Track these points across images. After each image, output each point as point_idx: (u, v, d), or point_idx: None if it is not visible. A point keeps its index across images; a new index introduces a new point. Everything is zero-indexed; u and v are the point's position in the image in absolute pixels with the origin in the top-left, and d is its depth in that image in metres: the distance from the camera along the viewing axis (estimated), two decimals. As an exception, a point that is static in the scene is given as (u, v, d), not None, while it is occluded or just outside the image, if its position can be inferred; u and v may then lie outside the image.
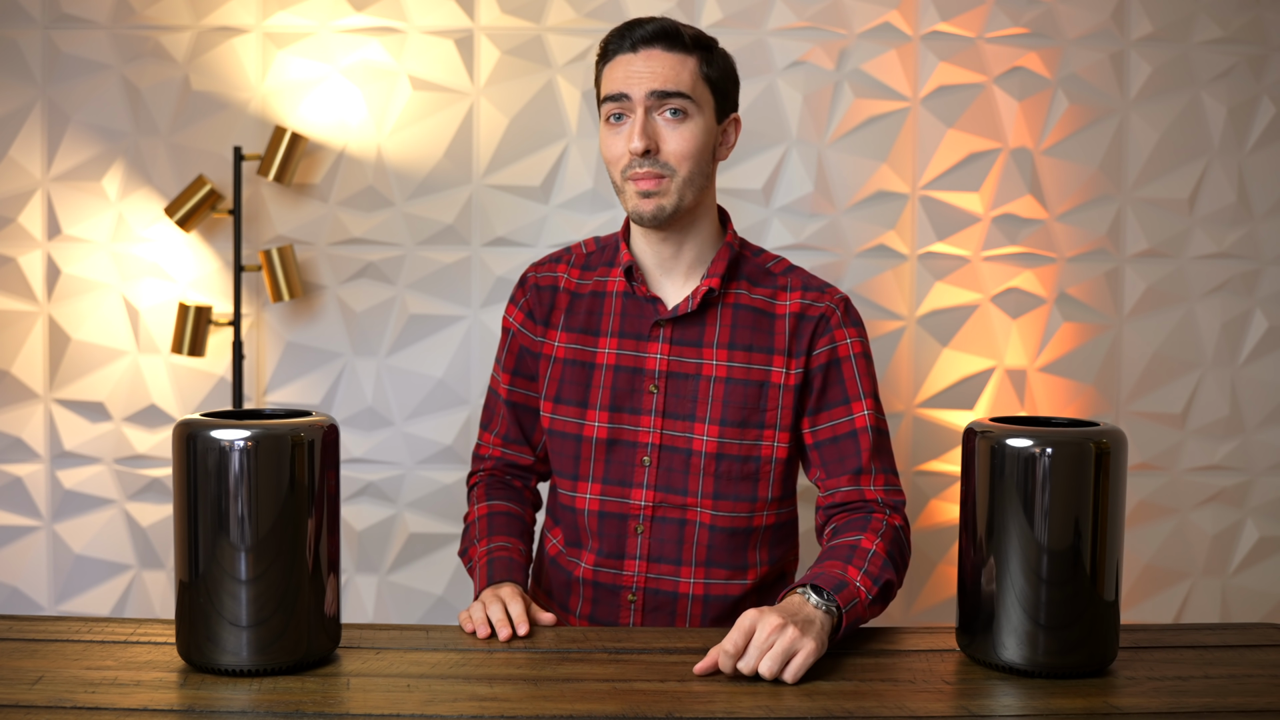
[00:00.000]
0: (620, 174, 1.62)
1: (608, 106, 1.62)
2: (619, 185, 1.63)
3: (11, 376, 2.50)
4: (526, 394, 1.77)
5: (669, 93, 1.59)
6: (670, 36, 1.61)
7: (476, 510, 1.76)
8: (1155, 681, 1.31)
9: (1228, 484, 2.56)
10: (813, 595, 1.40)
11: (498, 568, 1.63)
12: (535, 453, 1.79)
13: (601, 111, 1.65)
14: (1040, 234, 2.49)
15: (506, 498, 1.78)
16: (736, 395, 1.64)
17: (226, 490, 1.26)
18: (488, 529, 1.71)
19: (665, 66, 1.60)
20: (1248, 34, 2.48)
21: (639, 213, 1.62)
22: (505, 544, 1.69)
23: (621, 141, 1.61)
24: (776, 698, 1.25)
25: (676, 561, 1.66)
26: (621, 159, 1.61)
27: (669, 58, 1.60)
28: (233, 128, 2.46)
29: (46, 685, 1.25)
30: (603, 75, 1.65)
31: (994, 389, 2.51)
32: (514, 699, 1.23)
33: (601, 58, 1.66)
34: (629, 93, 1.60)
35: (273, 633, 1.28)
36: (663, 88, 1.59)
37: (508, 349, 1.77)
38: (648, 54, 1.60)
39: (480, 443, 1.82)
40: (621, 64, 1.61)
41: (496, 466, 1.80)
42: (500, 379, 1.78)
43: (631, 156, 1.59)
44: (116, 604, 2.52)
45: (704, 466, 1.64)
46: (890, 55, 2.46)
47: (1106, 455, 1.30)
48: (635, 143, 1.58)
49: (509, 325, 1.77)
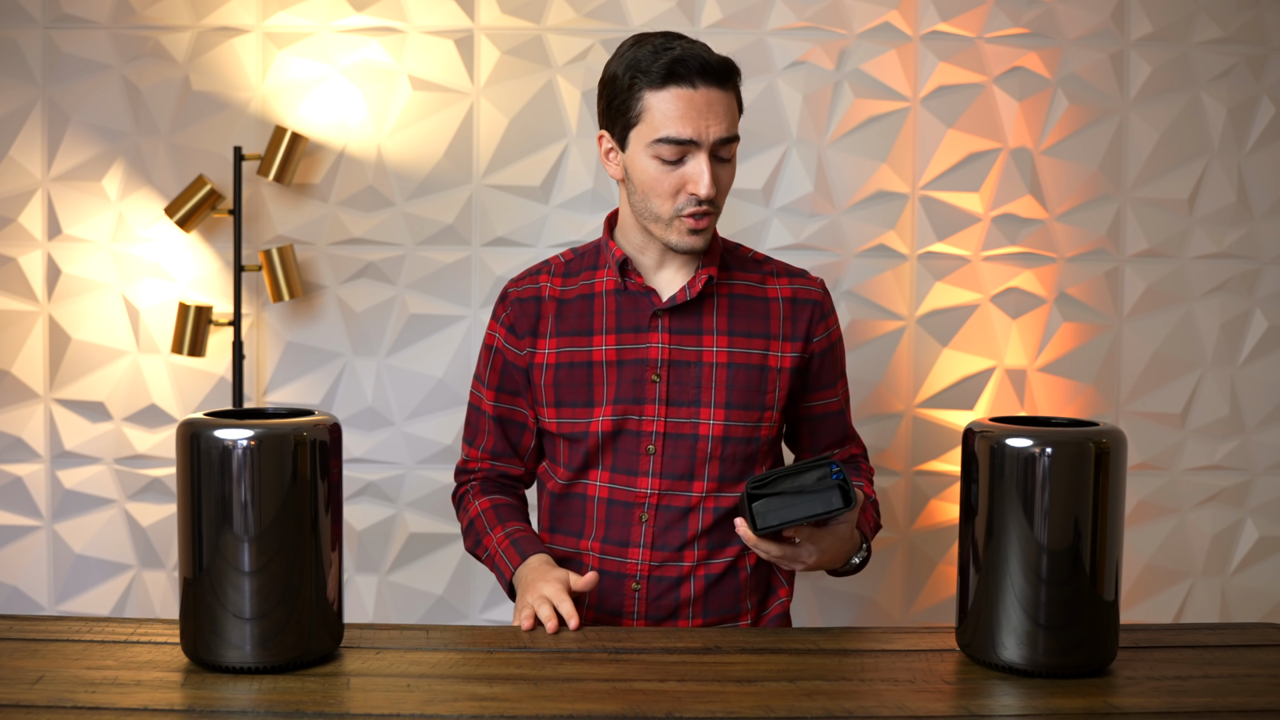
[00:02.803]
0: (673, 210, 1.61)
1: (668, 149, 1.58)
2: (663, 217, 1.62)
3: (12, 376, 2.50)
4: (513, 409, 1.78)
5: (730, 138, 1.60)
6: (724, 75, 1.59)
7: (478, 505, 1.77)
8: (1155, 681, 1.31)
9: (1227, 484, 2.56)
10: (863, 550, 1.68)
11: (524, 544, 1.68)
12: (524, 463, 1.81)
13: (650, 145, 1.60)
14: (1040, 234, 2.49)
15: (504, 494, 1.80)
16: (740, 379, 1.68)
17: (230, 489, 1.26)
18: (497, 518, 1.74)
19: (724, 108, 1.59)
20: (1248, 34, 2.48)
21: (688, 248, 1.64)
22: (520, 526, 1.73)
23: (676, 179, 1.60)
24: (776, 698, 1.25)
25: (680, 547, 1.67)
26: (678, 196, 1.61)
27: (724, 97, 1.59)
28: (233, 128, 2.46)
29: (47, 685, 1.25)
30: (649, 103, 1.59)
31: (994, 389, 2.51)
32: (514, 699, 1.23)
33: (644, 75, 1.58)
34: (699, 140, 1.58)
35: (276, 626, 1.28)
36: (727, 135, 1.59)
37: (491, 365, 1.77)
38: (707, 93, 1.58)
39: (466, 458, 1.83)
40: (682, 100, 1.57)
41: (487, 476, 1.82)
42: (484, 395, 1.79)
43: (691, 196, 1.60)
44: (117, 604, 2.52)
45: (710, 451, 1.67)
46: (890, 55, 2.46)
47: (1106, 455, 1.30)
48: (707, 189, 1.58)
49: (491, 342, 1.77)
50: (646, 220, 1.65)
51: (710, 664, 1.36)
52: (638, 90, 1.59)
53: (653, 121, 1.59)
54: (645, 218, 1.65)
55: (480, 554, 1.75)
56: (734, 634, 1.49)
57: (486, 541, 1.73)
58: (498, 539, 1.71)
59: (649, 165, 1.61)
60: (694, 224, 1.62)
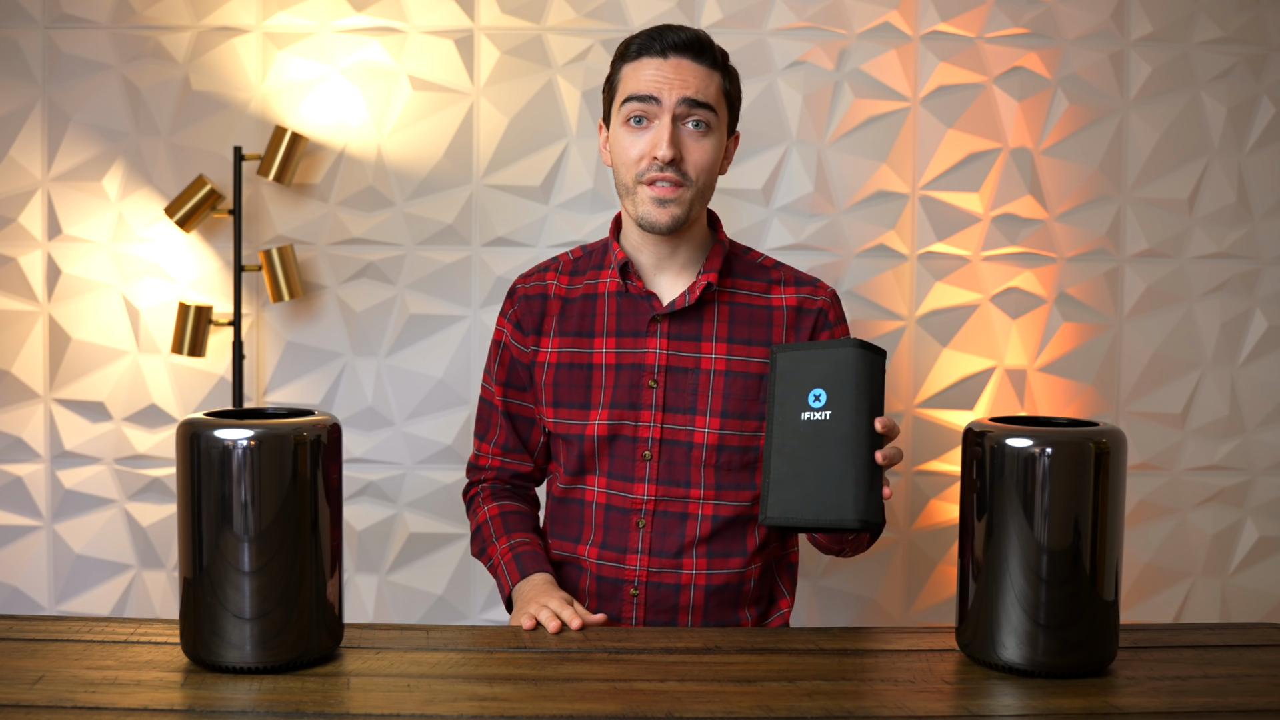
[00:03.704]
0: (635, 176, 1.61)
1: (631, 106, 1.60)
2: (629, 187, 1.63)
3: (12, 376, 2.50)
4: (521, 404, 1.78)
5: (699, 103, 1.59)
6: (701, 49, 1.61)
7: (486, 510, 1.77)
8: (1155, 681, 1.31)
9: (1227, 484, 2.56)
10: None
11: (526, 560, 1.68)
12: (534, 459, 1.80)
13: (620, 110, 1.63)
14: (1040, 234, 2.49)
15: (514, 499, 1.80)
16: (737, 387, 1.66)
17: (230, 489, 1.26)
18: (504, 527, 1.73)
19: (696, 77, 1.60)
20: (1248, 34, 2.48)
21: (653, 221, 1.62)
22: (525, 539, 1.72)
23: (642, 144, 1.60)
24: (776, 698, 1.25)
25: (677, 554, 1.67)
26: (640, 162, 1.60)
27: (699, 69, 1.60)
28: (233, 128, 2.46)
29: (47, 685, 1.25)
30: (624, 74, 1.64)
31: (994, 389, 2.51)
32: (514, 699, 1.23)
33: (622, 57, 1.65)
34: (659, 96, 1.59)
35: (276, 626, 1.28)
36: (695, 96, 1.59)
37: (499, 361, 1.78)
38: (678, 62, 1.60)
39: (478, 453, 1.82)
40: (650, 66, 1.60)
41: (498, 477, 1.82)
42: (494, 390, 1.79)
43: (653, 161, 1.59)
44: (117, 604, 2.52)
45: (705, 459, 1.66)
46: (890, 55, 2.46)
47: (1106, 455, 1.30)
48: (664, 150, 1.58)
49: (500, 337, 1.78)
50: (622, 197, 1.66)
51: (710, 664, 1.36)
52: (618, 68, 1.65)
53: (624, 89, 1.63)
54: (621, 194, 1.66)
55: (485, 561, 1.76)
56: (734, 634, 1.49)
57: (491, 551, 1.73)
58: (501, 550, 1.71)
59: (620, 134, 1.63)
60: (655, 191, 1.60)
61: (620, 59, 1.66)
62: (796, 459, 1.41)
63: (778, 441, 1.42)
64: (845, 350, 1.40)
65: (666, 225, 1.62)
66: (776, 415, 1.43)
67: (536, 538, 1.74)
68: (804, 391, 1.41)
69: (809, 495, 1.40)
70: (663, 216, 1.61)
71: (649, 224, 1.62)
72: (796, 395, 1.42)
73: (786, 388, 1.43)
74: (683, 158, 1.60)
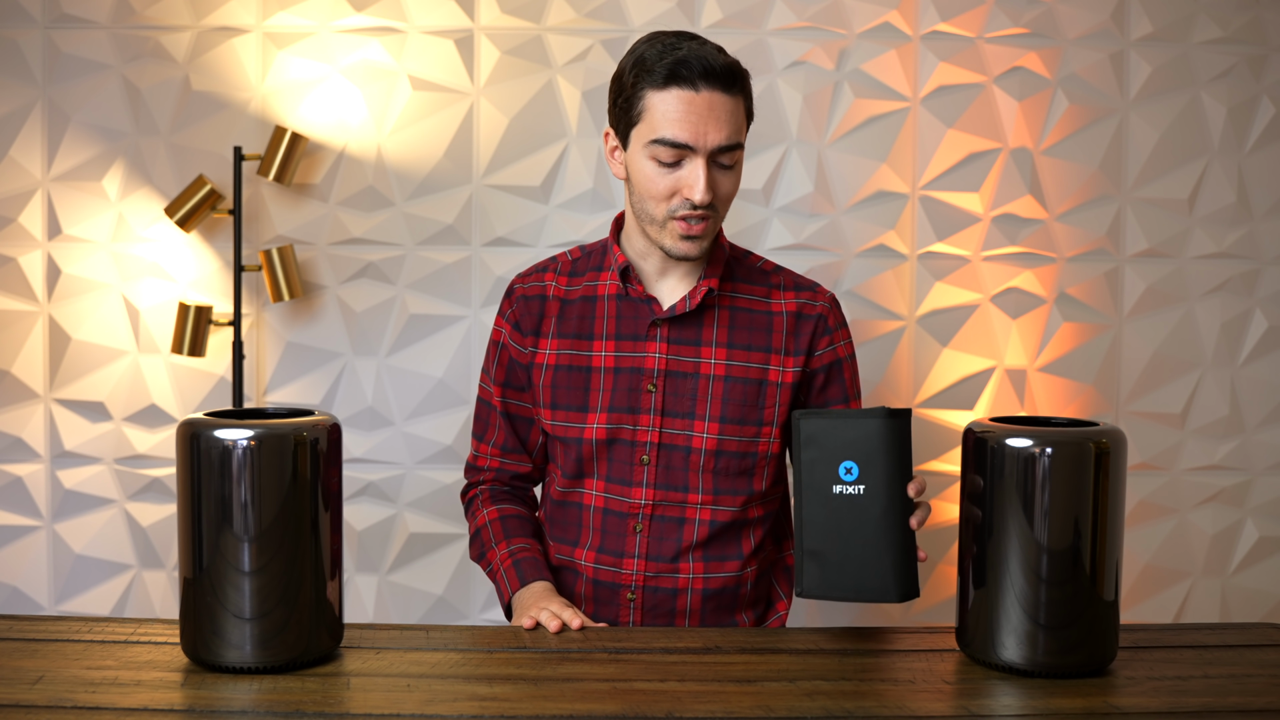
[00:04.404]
0: (666, 213, 1.58)
1: (663, 151, 1.55)
2: (657, 219, 1.60)
3: (12, 376, 2.50)
4: (520, 404, 1.77)
5: (730, 146, 1.56)
6: (729, 79, 1.55)
7: (485, 514, 1.76)
8: (1155, 681, 1.31)
9: (1227, 484, 2.56)
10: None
11: (525, 567, 1.67)
12: (533, 459, 1.80)
13: (646, 145, 1.57)
14: (1040, 234, 2.49)
15: (513, 502, 1.79)
16: (736, 393, 1.65)
17: (230, 489, 1.26)
18: (503, 532, 1.72)
19: (727, 114, 1.55)
20: (1247, 34, 2.48)
21: (683, 254, 1.60)
22: (525, 544, 1.71)
23: (672, 181, 1.57)
24: (776, 698, 1.25)
25: (674, 558, 1.66)
26: (671, 199, 1.57)
27: (729, 103, 1.55)
28: (233, 128, 2.46)
29: (47, 685, 1.25)
30: (650, 102, 1.56)
31: (994, 389, 2.51)
32: (514, 699, 1.23)
33: (646, 76, 1.56)
34: (694, 145, 1.54)
35: (275, 626, 1.28)
36: (727, 143, 1.55)
37: (498, 361, 1.77)
38: (710, 98, 1.54)
39: (476, 454, 1.82)
40: (681, 101, 1.54)
41: (497, 478, 1.81)
42: (493, 391, 1.78)
43: (685, 200, 1.56)
44: (117, 604, 2.52)
45: (703, 464, 1.65)
46: (890, 55, 2.46)
47: (1106, 455, 1.30)
48: (701, 195, 1.55)
49: (498, 338, 1.77)
50: (644, 222, 1.62)
51: (710, 664, 1.36)
52: (640, 89, 1.57)
53: (652, 122, 1.56)
54: (642, 219, 1.62)
55: (484, 566, 1.75)
56: (734, 634, 1.49)
57: (490, 556, 1.72)
58: (501, 556, 1.70)
59: (646, 166, 1.58)
60: (686, 228, 1.58)
61: (643, 77, 1.56)
62: (831, 534, 1.43)
63: (809, 513, 1.45)
64: (874, 421, 1.42)
65: (695, 256, 1.61)
66: (805, 482, 1.45)
67: (536, 543, 1.73)
68: (834, 462, 1.43)
69: (846, 571, 1.43)
70: (693, 250, 1.60)
71: (678, 256, 1.61)
72: (826, 465, 1.44)
73: (814, 455, 1.44)
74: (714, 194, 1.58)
